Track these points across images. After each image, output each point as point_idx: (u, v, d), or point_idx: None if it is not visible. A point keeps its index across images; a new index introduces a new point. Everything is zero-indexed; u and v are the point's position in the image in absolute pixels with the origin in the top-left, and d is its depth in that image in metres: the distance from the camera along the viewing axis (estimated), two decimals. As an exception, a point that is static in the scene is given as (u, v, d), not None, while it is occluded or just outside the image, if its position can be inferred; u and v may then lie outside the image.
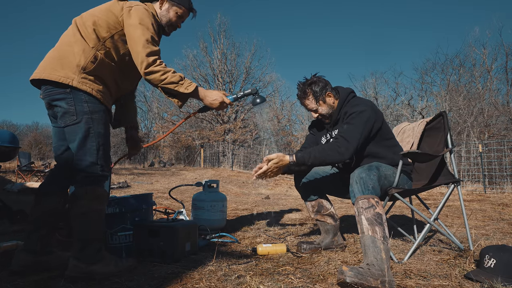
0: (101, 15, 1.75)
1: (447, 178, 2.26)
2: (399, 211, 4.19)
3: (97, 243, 1.72)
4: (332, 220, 2.29)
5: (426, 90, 19.72)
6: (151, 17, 1.80)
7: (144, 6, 1.82)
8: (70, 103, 1.66)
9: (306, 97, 2.15)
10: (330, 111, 2.14)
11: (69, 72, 1.66)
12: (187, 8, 1.98)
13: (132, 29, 1.74)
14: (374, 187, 1.78)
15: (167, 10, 1.93)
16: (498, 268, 1.59)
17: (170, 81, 1.78)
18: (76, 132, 1.68)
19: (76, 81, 1.66)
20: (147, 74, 1.75)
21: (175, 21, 1.96)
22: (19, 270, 1.70)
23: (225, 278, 1.65)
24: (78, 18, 1.79)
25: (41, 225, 1.78)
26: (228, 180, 10.53)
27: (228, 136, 19.88)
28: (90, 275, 1.64)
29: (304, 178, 2.30)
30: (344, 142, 1.92)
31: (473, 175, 9.65)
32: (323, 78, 2.18)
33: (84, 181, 1.70)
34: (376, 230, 1.64)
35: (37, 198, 1.81)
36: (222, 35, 21.02)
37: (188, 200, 5.08)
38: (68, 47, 1.70)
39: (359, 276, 1.45)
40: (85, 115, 1.68)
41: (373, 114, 2.01)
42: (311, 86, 2.13)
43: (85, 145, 1.69)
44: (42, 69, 1.69)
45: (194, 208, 2.93)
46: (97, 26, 1.73)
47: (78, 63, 1.67)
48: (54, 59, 1.69)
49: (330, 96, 2.13)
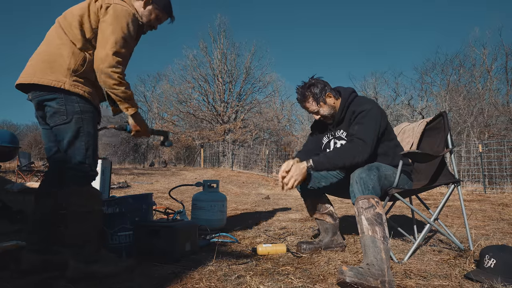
0: (83, 14, 1.74)
1: (447, 178, 2.26)
2: (399, 211, 4.19)
3: (95, 243, 1.72)
4: (331, 219, 2.29)
5: (426, 90, 19.75)
6: (128, 16, 1.76)
7: (123, 5, 1.77)
8: (61, 103, 1.67)
9: (306, 100, 2.15)
10: (331, 112, 2.14)
11: (59, 75, 1.66)
12: (167, 14, 2.02)
13: (105, 25, 1.71)
14: (374, 187, 1.78)
15: (150, 12, 1.95)
16: (498, 268, 1.59)
17: (119, 95, 1.73)
18: (66, 131, 1.68)
19: (68, 84, 1.67)
20: (104, 73, 1.67)
21: (154, 22, 2.00)
22: (29, 270, 1.70)
23: (225, 278, 1.65)
24: (61, 19, 1.77)
25: (43, 225, 1.78)
26: (228, 180, 10.53)
27: (228, 136, 19.88)
28: (90, 275, 1.64)
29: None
30: (361, 143, 1.91)
31: (473, 175, 9.65)
32: (321, 79, 2.18)
33: (73, 181, 1.70)
34: (376, 230, 1.64)
35: (37, 199, 1.82)
36: (222, 35, 21.05)
37: (188, 200, 5.08)
38: (56, 50, 1.69)
39: (359, 276, 1.45)
40: (76, 115, 1.69)
41: (379, 112, 2.03)
42: (310, 89, 2.13)
43: (74, 145, 1.70)
44: (32, 73, 1.67)
45: (194, 208, 2.93)
46: (83, 27, 1.73)
47: (69, 66, 1.68)
48: (43, 63, 1.68)
49: (330, 96, 2.13)
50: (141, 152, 24.99)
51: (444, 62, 19.68)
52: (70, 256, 1.66)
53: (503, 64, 18.08)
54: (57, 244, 1.83)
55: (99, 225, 1.83)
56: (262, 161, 14.51)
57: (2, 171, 9.98)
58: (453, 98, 16.45)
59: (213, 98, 21.31)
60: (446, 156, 2.56)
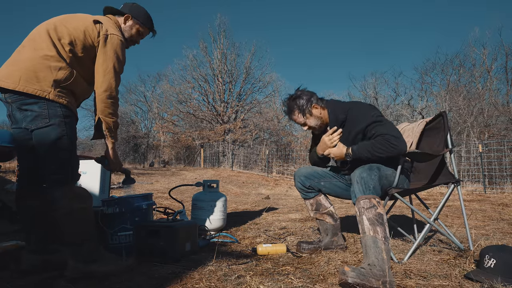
0: (78, 35, 1.77)
1: (447, 178, 2.26)
2: (399, 211, 4.19)
3: (90, 242, 1.72)
4: (332, 220, 2.28)
5: (426, 90, 19.74)
6: (123, 46, 1.89)
7: (118, 35, 1.86)
8: (43, 107, 1.68)
9: (292, 113, 2.17)
10: (318, 123, 2.16)
11: (44, 86, 1.67)
12: (148, 28, 2.10)
13: (107, 58, 1.81)
14: (375, 187, 1.78)
15: (130, 27, 2.04)
16: (498, 268, 1.59)
17: (110, 124, 1.87)
18: (48, 134, 1.68)
19: (52, 94, 1.68)
20: (104, 102, 1.81)
21: (136, 37, 2.08)
22: (29, 270, 1.71)
23: (225, 278, 1.65)
24: (51, 30, 1.75)
25: (37, 226, 1.79)
26: (228, 180, 10.53)
27: (228, 136, 19.87)
28: (89, 274, 1.65)
29: (303, 176, 2.30)
30: (392, 138, 1.89)
31: (473, 175, 9.65)
32: (307, 91, 2.18)
33: (58, 182, 1.71)
34: (378, 231, 1.64)
35: (18, 203, 1.82)
36: (222, 35, 21.00)
37: (188, 200, 5.08)
38: (44, 60, 1.68)
39: (361, 277, 1.45)
40: (59, 118, 1.70)
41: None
42: (296, 101, 2.14)
43: (58, 147, 1.70)
44: (16, 80, 1.64)
45: (194, 208, 2.93)
46: (74, 46, 1.76)
47: (55, 78, 1.69)
48: (29, 72, 1.66)
49: (316, 107, 2.13)
50: (141, 152, 25.00)
51: (444, 62, 19.71)
52: (69, 255, 1.67)
53: (503, 64, 18.10)
54: (56, 243, 1.83)
55: (92, 224, 1.82)
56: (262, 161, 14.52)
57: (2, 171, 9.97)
58: (453, 98, 16.44)
59: (213, 98, 21.28)
60: (446, 156, 2.56)
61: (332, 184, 2.29)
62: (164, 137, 23.98)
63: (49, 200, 1.70)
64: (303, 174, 2.31)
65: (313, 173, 2.30)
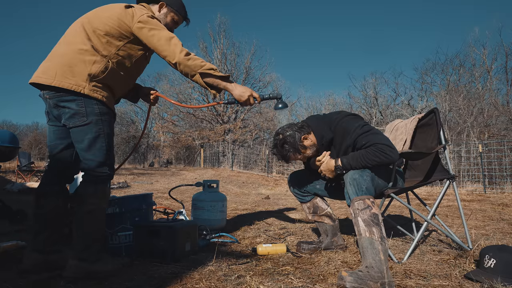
0: (113, 25, 1.74)
1: (442, 174, 2.26)
2: (398, 211, 4.19)
3: (100, 243, 1.75)
4: (330, 220, 2.28)
5: (426, 90, 19.72)
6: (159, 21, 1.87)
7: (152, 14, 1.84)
8: (80, 104, 1.68)
9: (288, 157, 2.05)
10: (314, 149, 2.05)
11: (79, 80, 1.67)
12: (183, 16, 2.05)
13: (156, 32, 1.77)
14: (368, 187, 1.77)
15: (165, 15, 1.99)
16: (498, 268, 1.59)
17: (210, 67, 1.84)
18: (86, 132, 1.70)
19: (87, 89, 1.68)
20: (187, 60, 1.78)
21: (171, 25, 2.02)
22: (30, 269, 1.71)
23: (225, 278, 1.65)
24: (86, 23, 1.75)
25: (46, 225, 1.78)
26: (228, 180, 10.54)
27: (228, 136, 19.87)
28: (93, 274, 1.65)
29: (297, 180, 2.29)
30: (385, 148, 1.81)
31: (473, 175, 9.65)
32: (286, 127, 2.06)
33: (94, 180, 1.74)
34: (373, 231, 1.64)
35: (38, 199, 1.81)
36: (222, 35, 21.01)
37: (188, 200, 5.08)
38: (79, 55, 1.69)
39: (359, 281, 1.45)
40: (96, 116, 1.71)
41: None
42: (284, 147, 2.01)
43: (95, 146, 1.72)
44: (52, 75, 1.66)
45: (194, 208, 2.93)
46: (111, 37, 1.73)
47: (90, 72, 1.68)
48: (64, 66, 1.67)
49: (306, 138, 2.02)
50: (141, 152, 24.99)
51: (444, 62, 19.75)
52: (72, 255, 1.67)
53: (503, 64, 18.08)
54: (60, 243, 1.84)
55: (105, 224, 1.86)
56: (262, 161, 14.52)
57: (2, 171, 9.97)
58: (453, 98, 16.43)
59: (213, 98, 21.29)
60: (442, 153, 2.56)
61: (327, 186, 2.28)
62: (164, 137, 23.99)
63: (77, 197, 1.73)
64: (297, 179, 2.30)
65: (307, 176, 2.29)
